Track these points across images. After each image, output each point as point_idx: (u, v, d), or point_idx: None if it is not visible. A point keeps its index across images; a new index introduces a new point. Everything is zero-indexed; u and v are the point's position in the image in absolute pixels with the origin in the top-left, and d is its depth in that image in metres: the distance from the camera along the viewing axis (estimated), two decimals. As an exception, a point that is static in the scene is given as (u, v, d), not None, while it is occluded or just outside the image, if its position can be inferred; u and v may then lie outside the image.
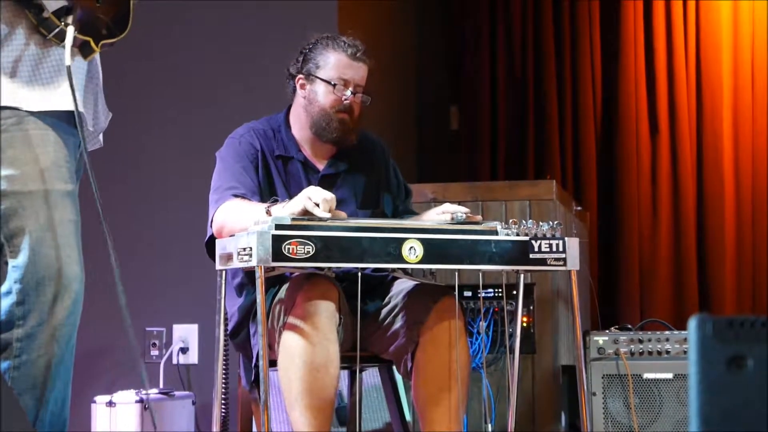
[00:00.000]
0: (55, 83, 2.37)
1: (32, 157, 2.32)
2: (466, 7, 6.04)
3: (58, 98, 2.36)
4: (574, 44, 5.83)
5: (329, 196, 2.78)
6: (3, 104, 2.33)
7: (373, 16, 5.22)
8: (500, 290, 3.87)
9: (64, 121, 2.40)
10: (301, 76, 3.20)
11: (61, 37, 2.34)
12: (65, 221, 2.34)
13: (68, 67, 2.31)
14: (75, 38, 2.35)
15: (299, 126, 3.22)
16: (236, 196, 3.01)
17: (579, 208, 4.93)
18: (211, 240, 2.98)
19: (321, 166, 3.22)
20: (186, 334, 4.44)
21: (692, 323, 1.26)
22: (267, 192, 3.09)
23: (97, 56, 2.52)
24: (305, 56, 3.20)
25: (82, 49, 2.42)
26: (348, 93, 3.15)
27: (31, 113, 2.35)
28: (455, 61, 6.13)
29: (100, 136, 2.59)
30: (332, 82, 3.14)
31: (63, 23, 2.33)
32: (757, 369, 1.26)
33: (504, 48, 5.92)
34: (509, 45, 5.92)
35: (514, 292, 3.27)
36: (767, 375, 1.27)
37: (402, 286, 3.10)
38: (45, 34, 2.34)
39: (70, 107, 2.35)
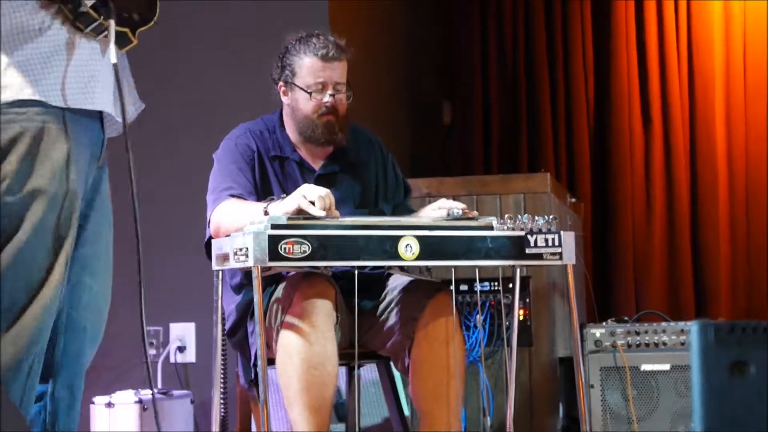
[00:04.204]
0: (88, 81, 2.28)
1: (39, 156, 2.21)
2: (459, 0, 6.03)
3: (90, 97, 2.28)
4: (566, 37, 5.83)
5: (324, 192, 2.77)
6: (27, 98, 2.20)
7: (365, 11, 5.20)
8: (497, 284, 3.87)
9: (85, 116, 2.31)
10: (281, 83, 3.18)
11: (98, 30, 2.26)
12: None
13: (115, 65, 2.25)
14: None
15: (291, 128, 3.21)
16: (233, 196, 3.00)
17: (573, 199, 4.93)
18: (210, 241, 2.97)
19: (317, 165, 3.20)
20: (183, 332, 4.44)
21: (694, 329, 1.26)
22: (263, 193, 3.08)
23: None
24: (282, 63, 3.16)
25: (118, 40, 2.30)
26: (327, 96, 3.10)
27: (57, 108, 2.23)
28: (447, 56, 6.12)
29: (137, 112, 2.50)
30: (308, 90, 3.11)
31: (102, 17, 2.24)
32: (759, 374, 1.26)
33: (496, 42, 5.91)
34: (501, 38, 5.91)
35: (510, 285, 3.27)
36: (769, 380, 1.27)
37: (397, 281, 3.10)
38: (82, 28, 2.25)
39: (102, 107, 2.31)
